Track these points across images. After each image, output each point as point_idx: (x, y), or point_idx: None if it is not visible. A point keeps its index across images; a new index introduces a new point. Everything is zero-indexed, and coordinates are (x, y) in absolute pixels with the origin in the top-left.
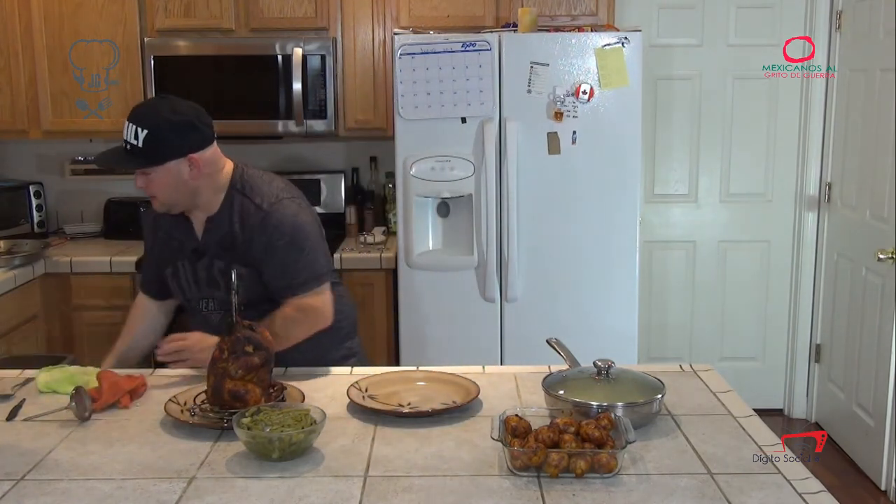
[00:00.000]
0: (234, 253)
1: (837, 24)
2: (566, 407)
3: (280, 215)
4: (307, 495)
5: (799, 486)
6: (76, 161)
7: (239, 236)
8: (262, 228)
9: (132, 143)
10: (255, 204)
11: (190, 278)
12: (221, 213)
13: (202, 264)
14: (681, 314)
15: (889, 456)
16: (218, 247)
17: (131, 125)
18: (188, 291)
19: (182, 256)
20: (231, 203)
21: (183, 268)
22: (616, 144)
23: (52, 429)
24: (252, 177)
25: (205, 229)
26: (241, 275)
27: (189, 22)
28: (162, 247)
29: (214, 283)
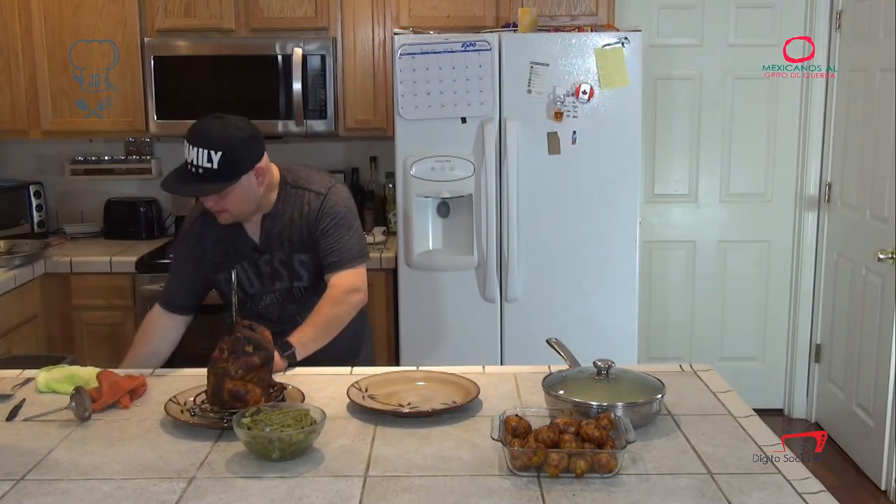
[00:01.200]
0: (293, 243)
1: (837, 24)
2: (566, 407)
3: (337, 197)
4: (307, 495)
5: (799, 486)
6: (76, 161)
7: (298, 224)
8: (320, 209)
9: (205, 167)
10: (313, 192)
11: (253, 276)
12: (277, 209)
13: (264, 260)
14: (681, 314)
15: (889, 456)
16: (277, 240)
17: (202, 150)
18: (250, 289)
19: (238, 259)
20: (286, 197)
21: (243, 269)
22: (616, 144)
23: (52, 429)
24: (298, 170)
25: (262, 227)
26: (302, 261)
27: (189, 22)
28: (213, 254)
29: (278, 276)
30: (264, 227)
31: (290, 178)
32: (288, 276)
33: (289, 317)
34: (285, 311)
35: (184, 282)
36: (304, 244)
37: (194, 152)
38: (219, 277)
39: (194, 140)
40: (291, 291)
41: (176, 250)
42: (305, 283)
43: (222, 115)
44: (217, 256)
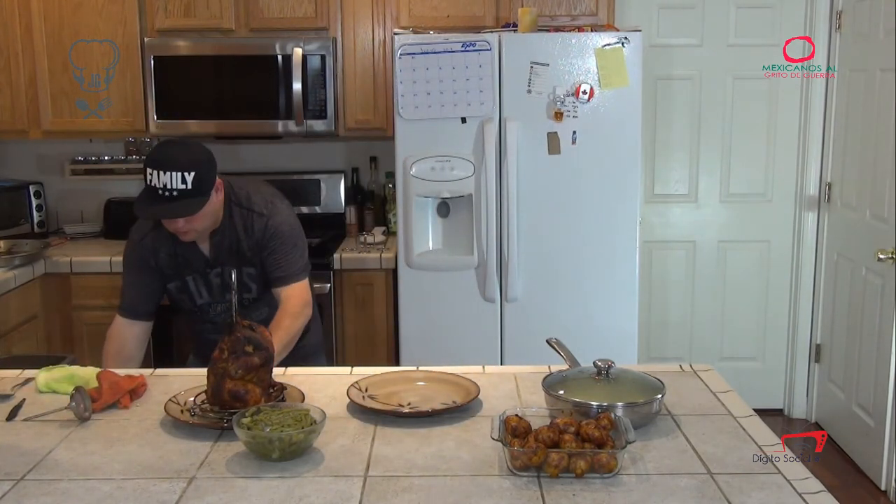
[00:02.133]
0: (242, 257)
1: (837, 24)
2: (566, 407)
3: (279, 217)
4: (307, 495)
5: (799, 486)
6: (76, 161)
7: (245, 242)
8: (264, 231)
9: (179, 189)
10: (255, 212)
11: (202, 287)
12: (224, 225)
13: (214, 273)
14: (681, 314)
15: (889, 456)
16: (227, 255)
17: (175, 173)
18: (199, 299)
19: (190, 270)
20: (231, 215)
21: (193, 280)
22: (616, 144)
23: (52, 429)
24: (240, 186)
25: (212, 243)
26: (250, 274)
27: (189, 22)
28: (167, 265)
29: (227, 287)
30: (213, 242)
31: (233, 197)
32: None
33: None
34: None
35: (144, 291)
36: (251, 259)
37: (167, 177)
38: (170, 286)
39: (165, 166)
40: (241, 302)
41: (130, 262)
42: (254, 295)
43: (176, 140)
44: (169, 268)
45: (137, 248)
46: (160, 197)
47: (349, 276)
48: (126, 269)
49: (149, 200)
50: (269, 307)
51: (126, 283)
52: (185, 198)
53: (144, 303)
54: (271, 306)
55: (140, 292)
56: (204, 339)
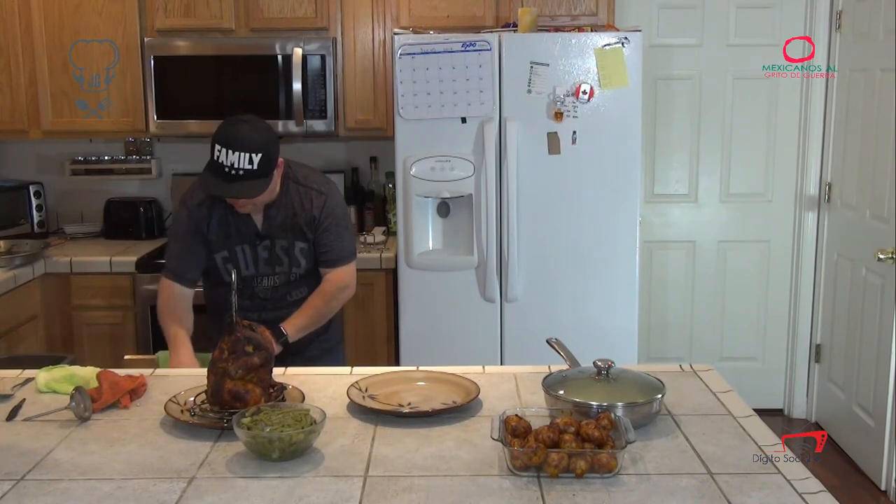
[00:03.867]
0: (295, 232)
1: (837, 24)
2: (566, 407)
3: (336, 198)
4: (307, 495)
5: (799, 486)
6: (76, 161)
7: (301, 217)
8: (322, 208)
9: (246, 169)
10: (315, 190)
11: (249, 259)
12: (281, 200)
13: (263, 245)
14: (681, 314)
15: (889, 456)
16: (280, 229)
17: (243, 154)
18: (245, 271)
19: (240, 241)
20: (288, 191)
21: (242, 251)
22: (616, 144)
23: (52, 429)
24: (298, 167)
25: (265, 216)
26: (302, 249)
27: (189, 22)
28: (215, 234)
29: (276, 260)
30: (267, 215)
31: (292, 174)
32: (289, 262)
33: (279, 296)
34: (277, 291)
35: (192, 258)
36: (304, 235)
37: (235, 156)
38: (216, 256)
39: (234, 145)
40: (289, 276)
41: (181, 226)
42: (302, 271)
43: (244, 118)
44: (218, 236)
45: (192, 214)
46: (226, 174)
47: None
48: (176, 233)
49: (214, 176)
50: (308, 287)
51: (174, 248)
52: (250, 178)
53: (190, 269)
54: (311, 287)
55: (188, 259)
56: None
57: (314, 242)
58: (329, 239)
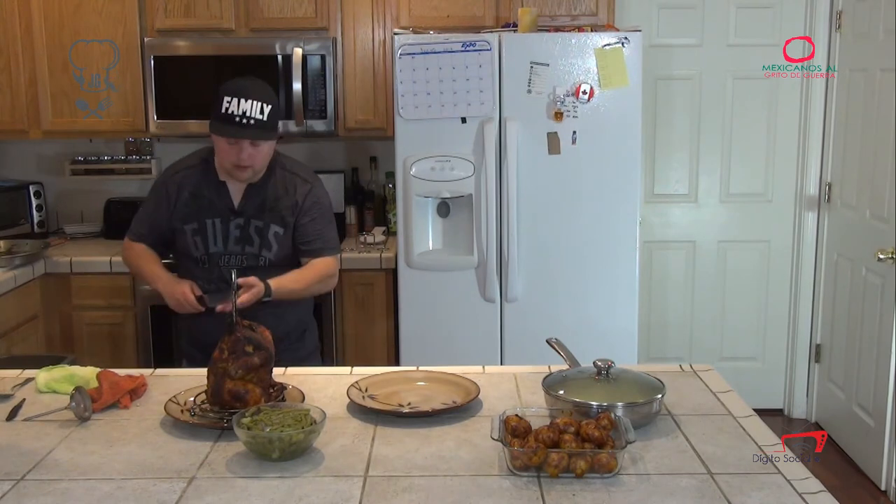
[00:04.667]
0: (273, 215)
1: (837, 24)
2: (566, 407)
3: (320, 190)
4: (307, 495)
5: (799, 486)
6: (76, 161)
7: (283, 202)
8: (307, 196)
9: (257, 119)
10: (300, 178)
11: (219, 234)
12: (264, 181)
13: (235, 223)
14: (681, 314)
15: (889, 456)
16: (258, 209)
17: (256, 102)
18: (213, 246)
19: (212, 214)
20: (273, 174)
21: (213, 224)
22: (616, 144)
23: (52, 429)
24: (285, 157)
25: (244, 194)
26: (277, 234)
27: (189, 22)
28: (186, 204)
29: (247, 240)
30: (247, 193)
31: (280, 160)
32: (260, 243)
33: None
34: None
35: (154, 226)
36: (282, 220)
37: (247, 104)
38: (185, 227)
39: (246, 94)
40: (258, 258)
41: (153, 191)
42: (272, 256)
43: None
44: (190, 207)
45: (165, 181)
46: (236, 124)
47: (349, 276)
48: (147, 198)
49: (224, 122)
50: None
51: (140, 212)
52: (260, 128)
53: (149, 234)
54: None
55: (150, 226)
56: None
57: (297, 230)
58: (315, 228)
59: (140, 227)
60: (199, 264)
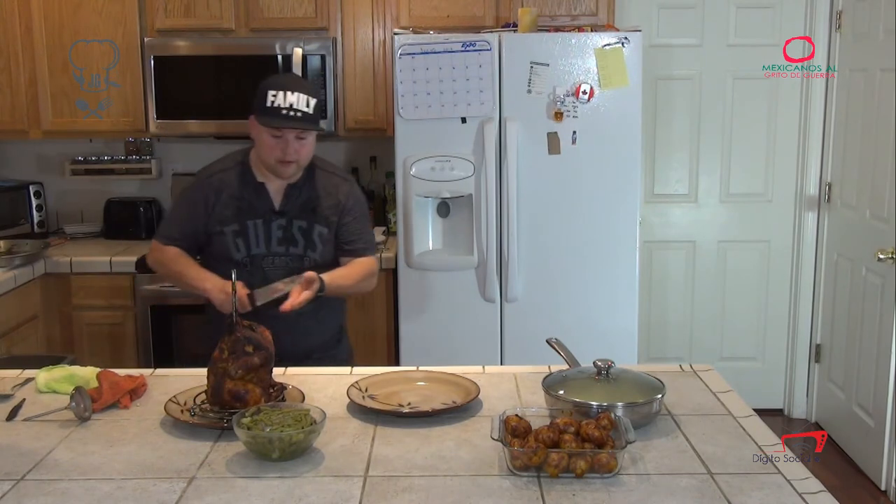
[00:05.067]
0: (316, 215)
1: (837, 24)
2: (566, 407)
3: (357, 189)
4: (307, 495)
5: (799, 486)
6: (76, 161)
7: (324, 201)
8: (348, 195)
9: (303, 111)
10: (339, 177)
11: (261, 235)
12: (303, 180)
13: (277, 224)
14: (681, 314)
15: (889, 456)
16: (300, 209)
17: (302, 95)
18: (255, 248)
19: (253, 216)
20: (312, 174)
21: (254, 226)
22: (616, 144)
23: (52, 429)
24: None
25: (285, 194)
26: (321, 234)
27: (189, 22)
28: (225, 207)
29: (291, 241)
30: (287, 193)
31: (316, 159)
32: (304, 244)
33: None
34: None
35: (187, 230)
36: (325, 220)
37: (294, 97)
38: (225, 230)
39: (292, 87)
40: (303, 260)
41: (186, 196)
42: (317, 256)
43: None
44: (229, 209)
45: (200, 184)
46: (284, 116)
47: None
48: (178, 201)
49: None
50: None
51: (172, 215)
52: (308, 121)
53: (181, 238)
54: None
55: (183, 229)
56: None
57: (340, 230)
58: (357, 227)
59: (171, 231)
60: (240, 267)
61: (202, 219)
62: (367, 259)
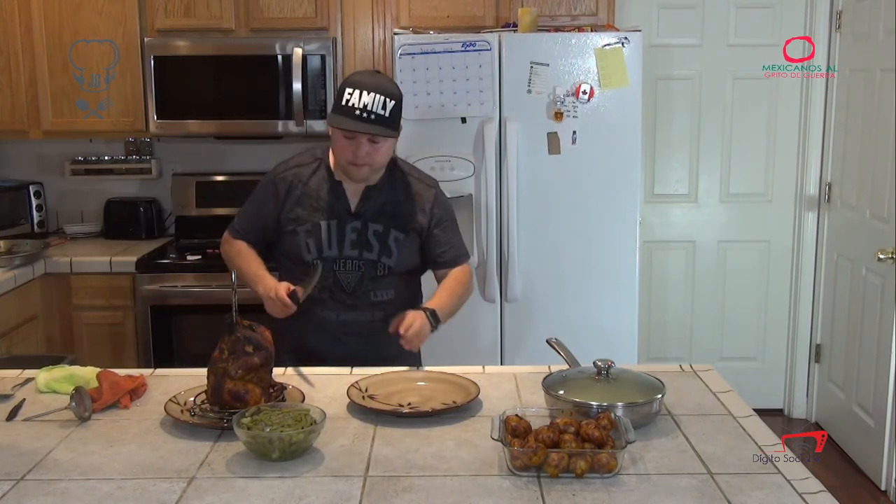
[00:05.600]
0: (395, 220)
1: (837, 24)
2: (566, 407)
3: (442, 194)
4: (307, 495)
5: (799, 486)
6: (76, 161)
7: (404, 206)
8: (433, 202)
9: (378, 114)
10: (424, 183)
11: (334, 237)
12: (383, 183)
13: (352, 226)
14: (681, 314)
15: (889, 456)
16: (376, 212)
17: (379, 96)
18: (327, 249)
19: (327, 216)
20: (393, 176)
21: (328, 226)
22: (616, 144)
23: (52, 429)
24: (399, 157)
25: (363, 196)
26: (398, 239)
27: (189, 22)
28: (297, 204)
29: (365, 245)
30: (365, 195)
31: (398, 161)
32: (379, 249)
33: (363, 292)
34: (362, 286)
35: (256, 225)
36: (404, 226)
37: (369, 98)
38: (298, 229)
39: (369, 87)
40: (376, 266)
41: (259, 190)
42: (391, 263)
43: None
44: (303, 207)
45: (273, 178)
46: (357, 117)
47: None
48: (252, 195)
49: (342, 115)
50: (396, 290)
51: (243, 209)
52: (381, 124)
53: (249, 233)
54: (399, 291)
55: (252, 223)
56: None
57: (429, 242)
58: (447, 237)
59: (242, 224)
60: (310, 268)
61: (272, 215)
62: (464, 268)
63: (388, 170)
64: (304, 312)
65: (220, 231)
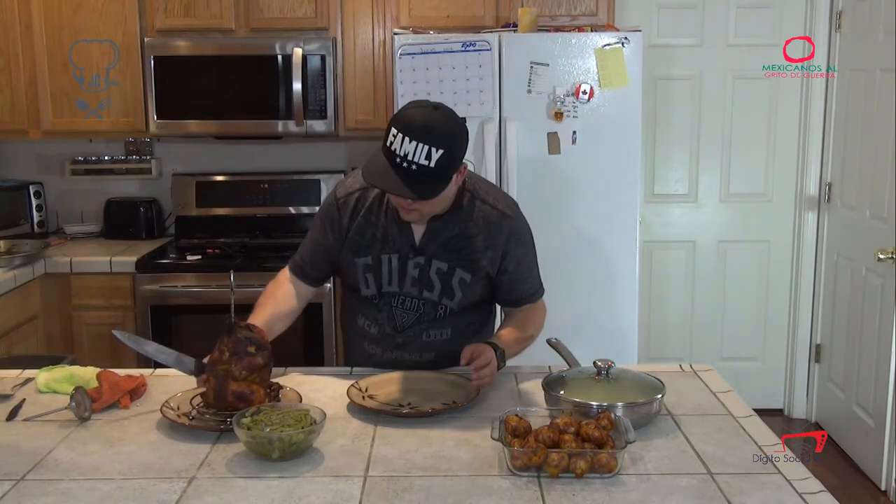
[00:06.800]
0: (461, 258)
1: (837, 24)
2: (566, 407)
3: (521, 222)
4: (307, 495)
5: (799, 486)
6: (76, 161)
7: (476, 242)
8: (509, 239)
9: (420, 164)
10: (499, 210)
11: (395, 273)
12: (452, 215)
13: (415, 262)
14: (681, 314)
15: (889, 456)
16: (442, 248)
17: (422, 145)
18: (387, 285)
19: (390, 249)
20: (463, 205)
21: (389, 261)
22: (616, 144)
23: (52, 429)
24: (478, 180)
25: (427, 227)
26: (463, 280)
27: (189, 22)
28: (358, 233)
29: (426, 284)
30: (430, 227)
31: (471, 185)
32: (441, 289)
33: (417, 333)
34: (417, 328)
35: (321, 253)
36: (472, 264)
37: (411, 146)
38: (357, 261)
39: (413, 133)
40: (436, 307)
41: (321, 218)
42: (454, 305)
43: (436, 105)
44: (364, 238)
45: (336, 202)
46: (396, 165)
47: None
48: (313, 223)
49: (381, 165)
50: (453, 329)
51: (306, 239)
52: (423, 176)
53: (315, 265)
54: (457, 331)
55: (316, 253)
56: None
57: (501, 277)
58: (521, 273)
59: (300, 256)
60: (366, 305)
61: (335, 243)
62: (537, 306)
63: (459, 196)
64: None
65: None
